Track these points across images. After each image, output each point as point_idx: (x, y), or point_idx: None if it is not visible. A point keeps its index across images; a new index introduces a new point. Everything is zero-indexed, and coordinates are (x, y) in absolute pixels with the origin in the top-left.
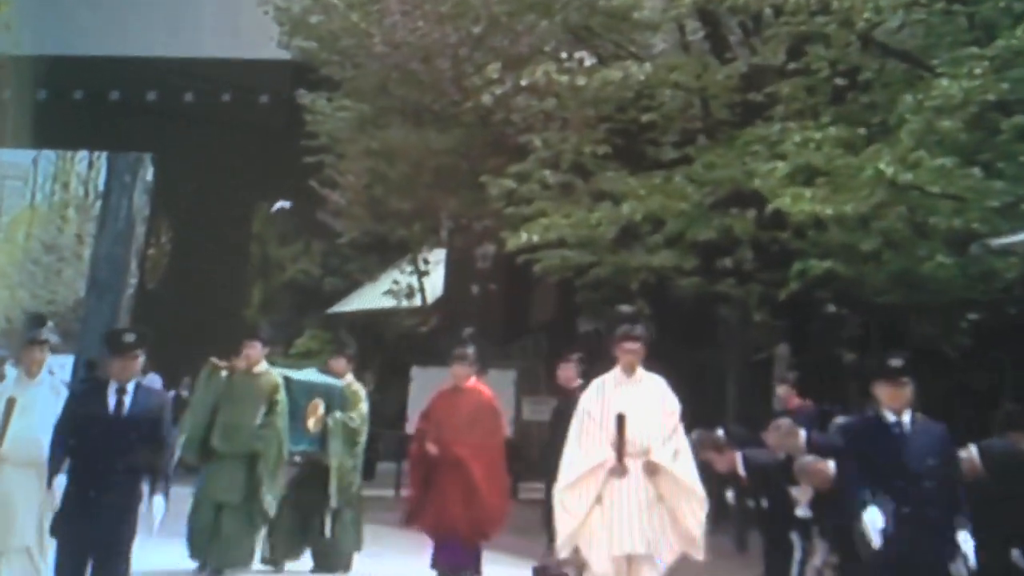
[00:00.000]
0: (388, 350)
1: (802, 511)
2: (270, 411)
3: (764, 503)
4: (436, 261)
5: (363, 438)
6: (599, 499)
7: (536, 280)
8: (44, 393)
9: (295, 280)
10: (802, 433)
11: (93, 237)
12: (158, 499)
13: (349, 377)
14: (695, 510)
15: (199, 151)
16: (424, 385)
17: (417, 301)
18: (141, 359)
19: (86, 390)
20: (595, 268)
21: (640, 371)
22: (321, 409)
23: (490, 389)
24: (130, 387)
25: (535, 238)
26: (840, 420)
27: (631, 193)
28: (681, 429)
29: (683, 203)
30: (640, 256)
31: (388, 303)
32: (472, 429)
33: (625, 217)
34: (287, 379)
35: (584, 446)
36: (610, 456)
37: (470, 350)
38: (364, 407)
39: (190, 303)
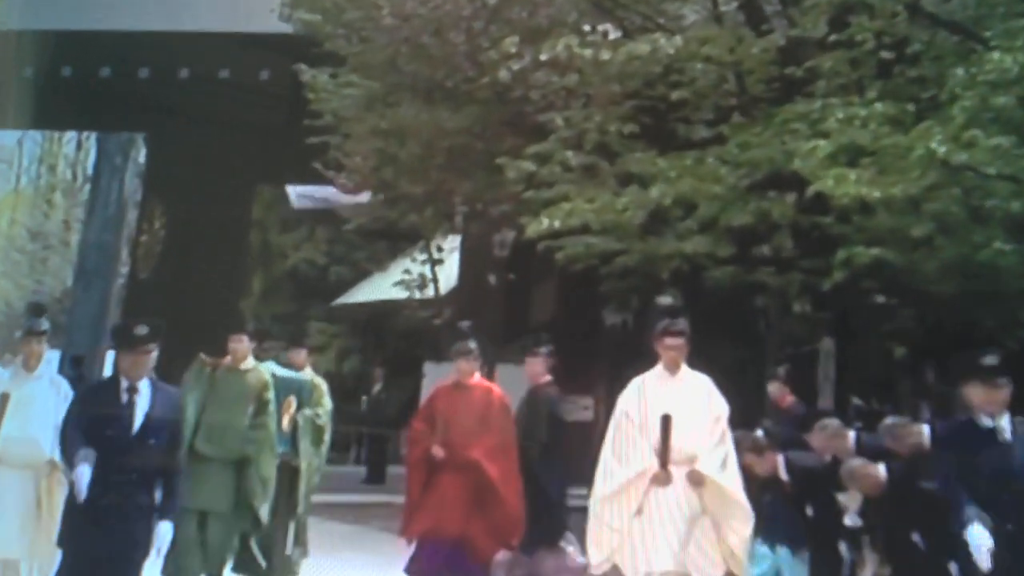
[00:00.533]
0: (398, 344)
1: (851, 519)
2: (260, 411)
3: (809, 510)
4: (450, 249)
5: (328, 436)
6: (640, 510)
7: (559, 269)
8: (43, 389)
9: (298, 269)
10: (851, 434)
11: (81, 223)
12: (165, 525)
13: (309, 370)
14: (739, 527)
15: (195, 131)
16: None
17: (430, 292)
18: (155, 354)
19: (94, 389)
20: (621, 256)
21: (684, 369)
22: (294, 406)
23: (498, 385)
24: (143, 385)
25: (556, 224)
26: (891, 421)
27: (660, 175)
28: (729, 435)
29: (716, 186)
30: (670, 243)
31: (398, 294)
32: (485, 429)
33: (654, 201)
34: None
35: (623, 452)
36: (652, 463)
37: (474, 344)
38: (328, 402)
39: (185, 294)
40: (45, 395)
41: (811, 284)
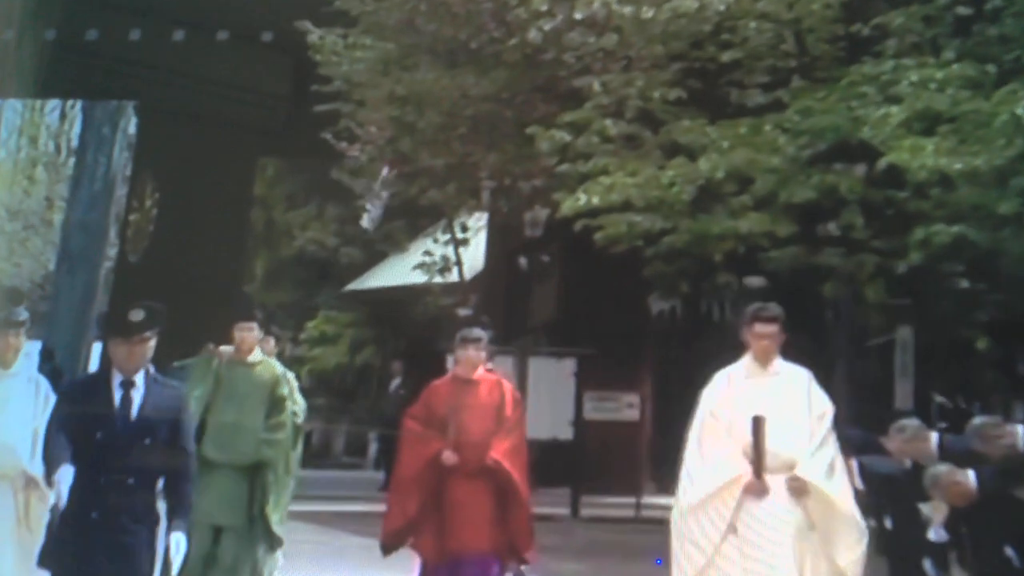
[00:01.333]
0: (418, 335)
1: (935, 533)
2: (276, 409)
3: (887, 522)
4: (476, 228)
5: (302, 437)
6: (732, 527)
7: (599, 251)
8: (20, 387)
9: (306, 251)
10: (933, 436)
11: (65, 201)
12: (178, 536)
13: (276, 362)
14: (852, 544)
15: (190, 100)
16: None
17: (453, 276)
18: (153, 343)
19: (81, 384)
20: (668, 236)
21: (778, 361)
22: None
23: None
24: (140, 379)
25: (595, 200)
26: (979, 421)
27: (711, 146)
28: (834, 437)
29: (774, 157)
30: (723, 221)
31: (419, 278)
32: (498, 428)
33: (704, 175)
34: None
35: (709, 457)
36: (744, 470)
37: (484, 332)
38: (301, 399)
39: (180, 279)
40: (22, 395)
41: (884, 267)
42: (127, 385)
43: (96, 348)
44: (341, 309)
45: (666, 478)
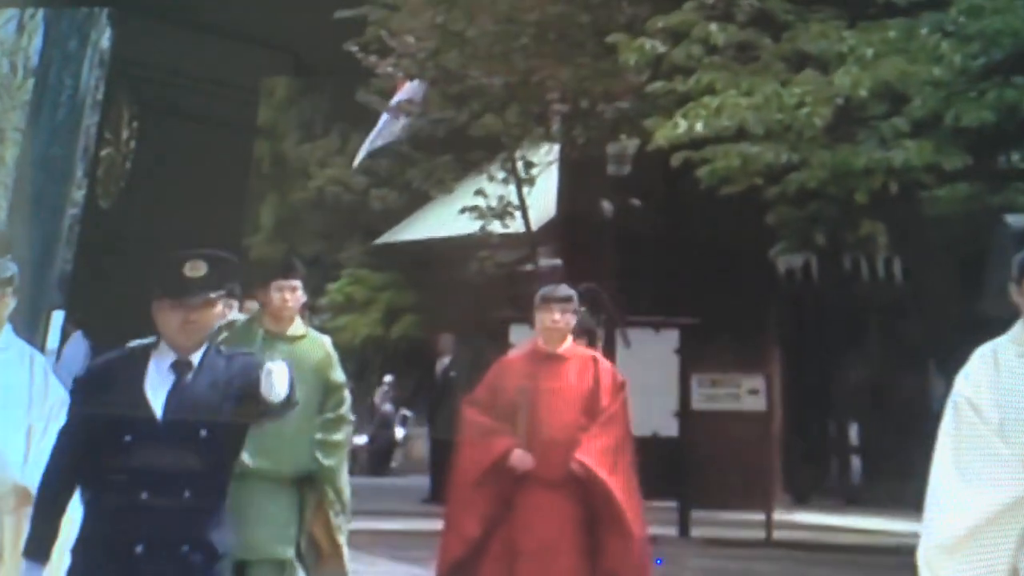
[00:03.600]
0: (472, 300)
1: None
2: (332, 401)
3: None
4: (544, 164)
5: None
6: (1015, 571)
7: (705, 192)
8: (8, 368)
9: (326, 194)
10: None
11: (21, 132)
12: None
13: None
14: None
15: (177, 4)
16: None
17: (516, 224)
18: (219, 310)
19: (107, 370)
20: (797, 172)
21: None
22: None
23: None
24: (199, 360)
25: (698, 127)
26: None
27: (850, 55)
28: None
29: (935, 68)
30: (870, 151)
31: (470, 227)
32: (596, 422)
33: (842, 93)
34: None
35: (971, 470)
36: None
37: (571, 291)
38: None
39: (163, 229)
40: (12, 379)
41: None
42: (182, 368)
43: (57, 317)
44: (372, 267)
45: (806, 488)
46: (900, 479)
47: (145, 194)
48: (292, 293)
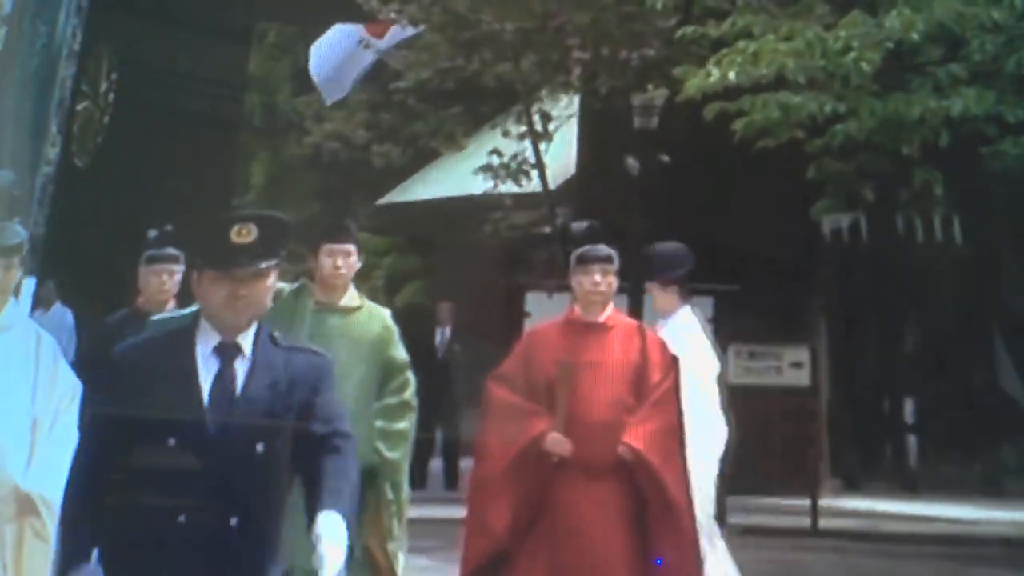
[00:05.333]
0: (483, 266)
1: None
2: (393, 383)
3: None
4: (564, 117)
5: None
6: None
7: (740, 145)
8: (10, 351)
9: (323, 150)
10: None
11: None
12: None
13: None
14: None
15: None
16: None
17: (532, 184)
18: (273, 281)
19: (146, 355)
20: (844, 123)
21: None
22: None
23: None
24: (249, 343)
25: (733, 76)
26: None
27: None
28: None
29: (994, 10)
30: (924, 100)
31: (481, 186)
32: (645, 401)
33: (892, 35)
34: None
35: None
36: None
37: (611, 250)
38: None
39: (145, 190)
40: (15, 363)
41: None
42: (228, 352)
43: (28, 284)
44: (374, 230)
45: (856, 472)
46: (961, 461)
47: (126, 151)
48: (345, 259)
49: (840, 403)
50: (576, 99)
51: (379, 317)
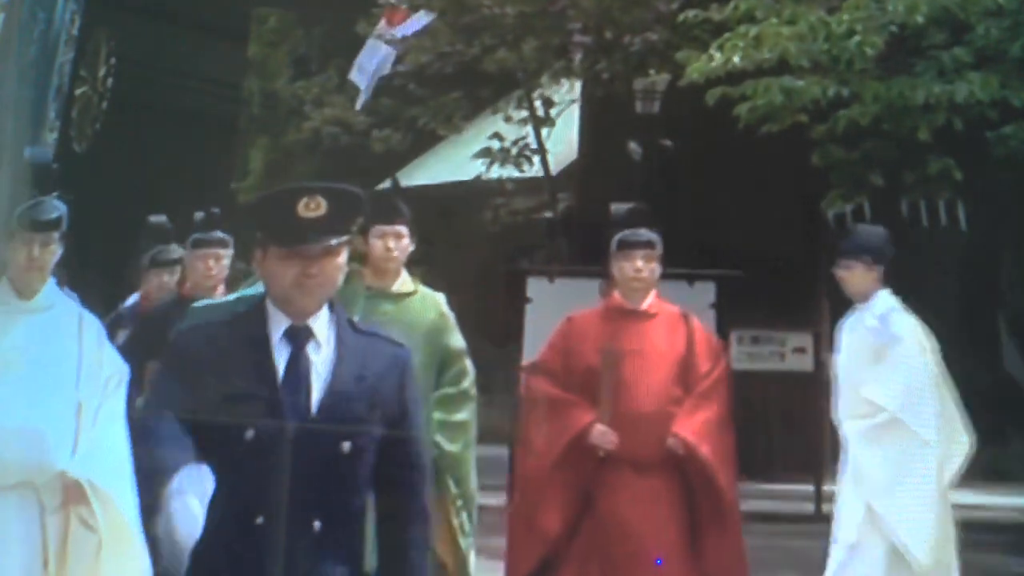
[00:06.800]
0: (484, 251)
1: None
2: (451, 373)
3: None
4: (566, 102)
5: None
6: None
7: (743, 131)
8: (52, 331)
9: (322, 136)
10: None
11: None
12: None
13: None
14: None
15: None
16: (550, 310)
17: (534, 169)
18: (344, 259)
19: (214, 339)
20: (848, 108)
21: None
22: None
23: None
24: (323, 326)
25: (736, 60)
26: None
27: None
28: None
29: None
30: (927, 84)
31: (482, 172)
32: (693, 392)
33: (896, 19)
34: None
35: None
36: None
37: (655, 236)
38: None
39: (143, 175)
40: (57, 345)
41: None
42: (299, 337)
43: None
44: None
45: None
46: None
47: (123, 137)
48: (397, 240)
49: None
50: (577, 84)
51: (434, 303)
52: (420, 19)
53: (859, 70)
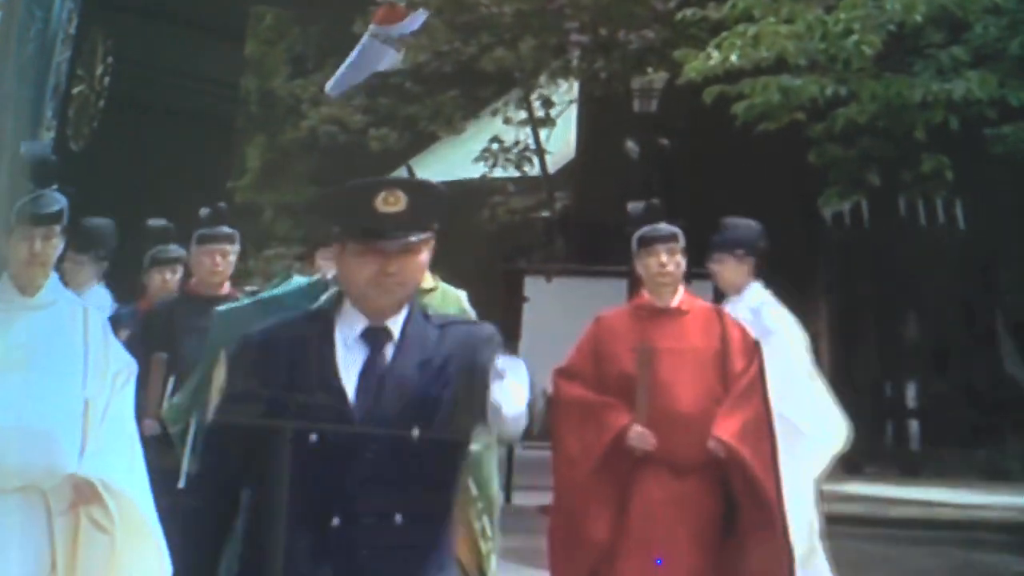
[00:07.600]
0: (482, 250)
1: None
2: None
3: None
4: (564, 102)
5: None
6: None
7: (741, 130)
8: (56, 327)
9: (319, 135)
10: None
11: None
12: None
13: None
14: None
15: None
16: (548, 309)
17: (532, 169)
18: (426, 257)
19: (276, 342)
20: (845, 107)
21: None
22: None
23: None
24: (399, 327)
25: (733, 59)
26: None
27: None
28: None
29: None
30: (927, 83)
31: (480, 171)
32: (731, 392)
33: (894, 18)
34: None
35: None
36: None
37: (676, 229)
38: None
39: (141, 174)
40: (62, 341)
41: None
42: (378, 339)
43: None
44: None
45: (858, 456)
46: (964, 445)
47: (120, 136)
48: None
49: (841, 388)
50: (576, 84)
51: (455, 300)
52: (417, 17)
53: (857, 69)
